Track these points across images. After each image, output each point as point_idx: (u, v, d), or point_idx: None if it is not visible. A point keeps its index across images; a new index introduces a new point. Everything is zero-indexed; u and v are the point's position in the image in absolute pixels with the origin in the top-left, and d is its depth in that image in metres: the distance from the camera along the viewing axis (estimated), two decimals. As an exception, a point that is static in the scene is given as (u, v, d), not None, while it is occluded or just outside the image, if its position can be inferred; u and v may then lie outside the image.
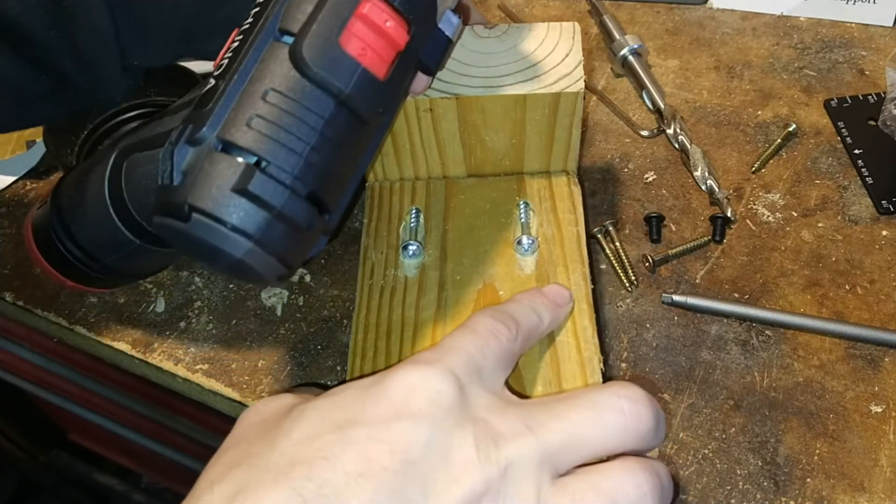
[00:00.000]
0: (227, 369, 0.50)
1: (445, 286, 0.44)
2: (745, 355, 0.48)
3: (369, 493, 0.27)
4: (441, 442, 0.29)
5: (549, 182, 0.48)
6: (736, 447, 0.44)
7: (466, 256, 0.45)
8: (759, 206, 0.55)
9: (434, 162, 0.49)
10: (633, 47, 0.63)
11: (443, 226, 0.47)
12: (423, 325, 0.42)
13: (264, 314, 0.52)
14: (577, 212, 0.47)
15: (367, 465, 0.28)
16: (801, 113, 0.61)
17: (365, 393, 0.31)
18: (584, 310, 0.42)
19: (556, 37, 0.46)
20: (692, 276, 0.52)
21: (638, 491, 0.30)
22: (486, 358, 0.33)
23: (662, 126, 0.60)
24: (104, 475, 1.17)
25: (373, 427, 0.29)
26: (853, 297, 0.50)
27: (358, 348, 0.42)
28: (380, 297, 0.44)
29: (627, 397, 0.31)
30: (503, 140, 0.47)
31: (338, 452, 0.28)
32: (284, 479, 0.28)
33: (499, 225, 0.46)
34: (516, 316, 0.37)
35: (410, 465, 0.28)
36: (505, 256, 0.45)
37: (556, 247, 0.45)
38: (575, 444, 0.30)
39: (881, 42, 0.65)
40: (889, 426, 0.45)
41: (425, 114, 0.45)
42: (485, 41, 0.46)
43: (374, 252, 0.46)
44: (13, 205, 0.61)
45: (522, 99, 0.44)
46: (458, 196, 0.48)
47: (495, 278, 0.44)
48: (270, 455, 0.29)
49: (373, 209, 0.48)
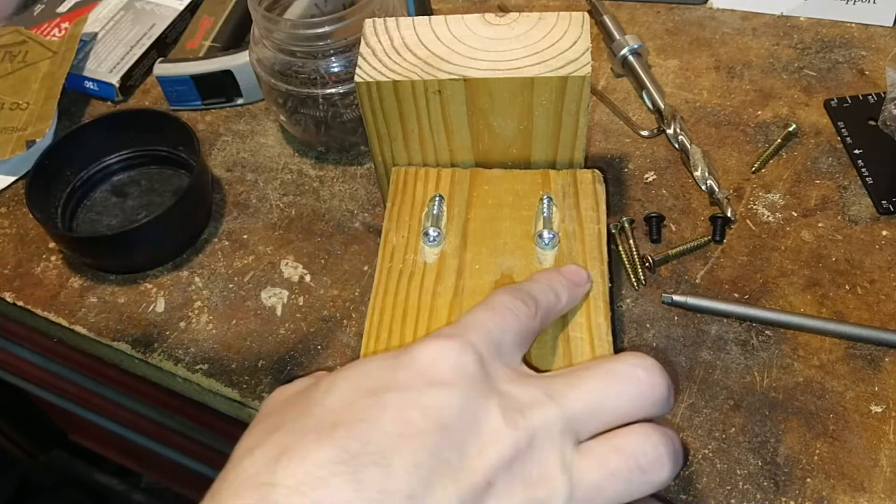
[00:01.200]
0: (227, 369, 0.50)
1: (463, 274, 0.44)
2: (745, 355, 0.48)
3: (410, 451, 0.28)
4: (471, 409, 0.30)
5: (573, 178, 0.48)
6: (736, 447, 0.44)
7: (486, 246, 0.45)
8: (759, 206, 0.55)
9: (442, 148, 0.49)
10: (633, 47, 0.63)
11: (465, 214, 0.47)
12: (439, 310, 0.43)
13: (264, 314, 0.52)
14: (599, 209, 0.47)
15: (406, 427, 0.29)
16: (801, 113, 0.61)
17: (392, 362, 0.32)
18: (601, 307, 0.42)
19: (566, 25, 0.47)
20: (692, 276, 0.52)
21: (655, 451, 0.31)
22: (505, 334, 0.34)
23: (662, 126, 0.60)
24: (104, 475, 1.17)
25: (406, 392, 0.30)
26: (853, 297, 0.50)
27: (373, 330, 0.42)
28: (398, 280, 0.44)
29: (642, 366, 0.33)
30: (511, 126, 0.48)
31: (376, 415, 0.29)
32: (328, 438, 0.28)
33: (521, 217, 0.47)
34: (535, 294, 0.37)
35: (445, 428, 0.29)
36: (525, 249, 0.45)
37: (577, 243, 0.45)
38: (594, 412, 0.32)
39: (881, 42, 0.65)
40: (889, 426, 0.45)
41: (434, 96, 0.46)
42: (495, 28, 0.47)
43: (396, 236, 0.46)
44: (13, 205, 0.61)
45: (530, 82, 0.45)
46: (483, 186, 0.48)
47: (513, 270, 0.44)
48: (307, 420, 0.30)
49: (396, 193, 0.48)
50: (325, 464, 0.27)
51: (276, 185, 0.60)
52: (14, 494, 1.20)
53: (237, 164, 0.62)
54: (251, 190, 0.60)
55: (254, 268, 0.55)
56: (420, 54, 0.46)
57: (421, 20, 0.48)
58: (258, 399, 0.48)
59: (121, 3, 0.73)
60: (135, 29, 0.71)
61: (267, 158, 0.62)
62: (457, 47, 0.46)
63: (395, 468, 0.28)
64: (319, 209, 0.58)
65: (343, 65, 0.56)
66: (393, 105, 0.47)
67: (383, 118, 0.47)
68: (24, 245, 0.58)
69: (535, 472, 0.30)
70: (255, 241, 0.56)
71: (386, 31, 0.47)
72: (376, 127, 0.48)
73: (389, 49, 0.47)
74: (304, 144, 0.62)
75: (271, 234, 0.57)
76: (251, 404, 0.49)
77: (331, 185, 0.60)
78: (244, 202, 0.59)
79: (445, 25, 0.47)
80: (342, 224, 0.57)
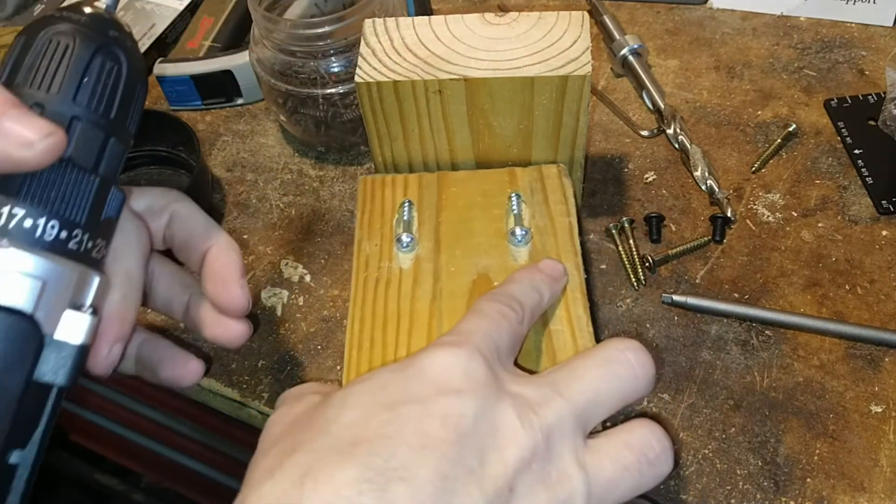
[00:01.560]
0: (227, 369, 0.50)
1: (440, 277, 0.44)
2: (745, 355, 0.48)
3: (434, 462, 0.28)
4: (486, 414, 0.30)
5: (539, 174, 0.48)
6: (736, 447, 0.44)
7: (460, 248, 0.45)
8: (759, 206, 0.55)
9: (442, 148, 0.49)
10: (633, 47, 0.63)
11: (436, 218, 0.47)
12: (419, 315, 0.43)
13: (264, 314, 0.52)
14: (568, 203, 0.47)
15: (427, 439, 0.29)
16: (801, 113, 0.61)
17: (402, 374, 0.32)
18: (578, 299, 0.42)
19: (566, 25, 0.47)
20: (692, 276, 0.52)
21: (661, 444, 0.33)
22: (502, 338, 0.35)
23: (662, 126, 0.60)
24: (104, 475, 1.17)
25: (422, 404, 0.30)
26: (853, 297, 0.50)
27: (354, 340, 0.42)
28: (375, 288, 0.44)
29: (630, 349, 0.34)
30: (511, 125, 0.48)
31: (396, 429, 0.29)
32: (350, 456, 0.28)
33: (492, 216, 0.47)
34: (520, 298, 0.38)
35: (464, 436, 0.29)
36: (499, 248, 0.45)
37: (549, 237, 0.45)
38: (599, 401, 0.33)
39: (881, 42, 0.65)
40: (889, 426, 0.45)
41: (434, 96, 0.46)
42: (495, 27, 0.47)
43: (369, 244, 0.46)
44: (13, 205, 0.61)
45: (530, 81, 0.45)
46: (450, 188, 0.48)
47: (489, 269, 0.44)
48: (326, 439, 0.29)
49: (365, 202, 0.48)
50: (351, 483, 0.27)
51: (276, 185, 0.60)
52: (14, 494, 1.19)
53: (237, 164, 0.62)
54: (251, 190, 0.60)
55: (254, 268, 0.55)
56: (420, 54, 0.46)
57: (421, 20, 0.48)
58: (258, 399, 0.48)
59: (121, 3, 0.74)
60: (135, 29, 0.71)
61: (267, 158, 0.62)
62: (457, 47, 0.46)
63: (421, 481, 0.27)
64: (319, 209, 0.58)
65: (343, 65, 0.56)
66: (393, 105, 0.47)
67: (383, 118, 0.47)
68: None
69: (553, 472, 0.30)
70: (255, 241, 0.56)
71: (386, 31, 0.47)
72: (376, 127, 0.48)
73: (389, 49, 0.47)
74: (304, 144, 0.62)
75: (271, 234, 0.57)
76: (251, 404, 0.49)
77: (331, 185, 0.60)
78: (244, 202, 0.59)
79: (445, 25, 0.47)
80: (342, 224, 0.57)
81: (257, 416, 0.49)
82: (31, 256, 0.29)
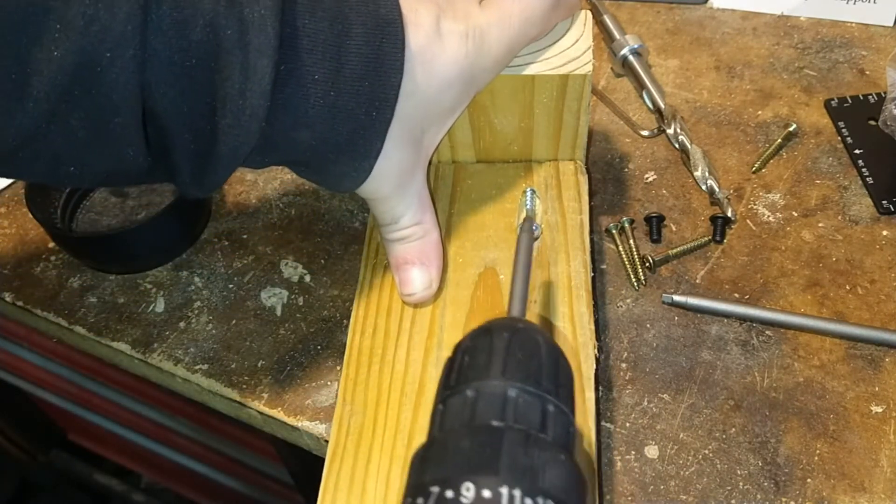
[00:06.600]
0: (226, 369, 0.50)
1: (447, 267, 0.44)
2: (746, 355, 0.48)
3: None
4: None
5: (556, 170, 0.48)
6: (736, 447, 0.44)
7: (469, 240, 0.45)
8: (760, 206, 0.55)
9: (443, 145, 0.49)
10: (634, 47, 0.63)
11: (448, 209, 0.47)
12: (423, 304, 0.43)
13: (264, 314, 0.52)
14: (581, 200, 0.47)
15: None
16: (802, 113, 0.61)
17: None
18: (583, 296, 0.42)
19: (567, 23, 0.47)
20: (692, 276, 0.52)
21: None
22: None
23: (662, 126, 0.60)
24: (104, 475, 1.17)
25: None
26: (853, 297, 0.50)
27: (358, 324, 0.42)
28: (383, 275, 0.44)
29: None
30: (512, 124, 0.48)
31: None
32: None
33: (504, 210, 0.47)
34: None
35: None
36: (508, 241, 0.45)
37: (559, 234, 0.45)
38: None
39: (881, 42, 0.65)
40: (889, 426, 0.45)
41: None
42: None
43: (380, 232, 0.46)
44: (13, 205, 0.61)
45: (531, 80, 0.45)
46: (466, 181, 0.49)
47: (497, 262, 0.44)
48: None
49: None
50: None
51: (276, 184, 0.60)
52: (14, 494, 1.19)
53: (237, 164, 0.62)
54: (251, 190, 0.60)
55: (253, 268, 0.55)
56: None
57: None
58: (258, 399, 0.48)
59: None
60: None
61: (267, 158, 0.62)
62: None
63: None
64: (319, 209, 0.58)
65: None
66: None
67: None
68: (23, 245, 0.58)
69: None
70: (255, 241, 0.56)
71: None
72: None
73: None
74: (303, 144, 0.62)
75: (271, 234, 0.57)
76: (251, 404, 0.49)
77: (331, 184, 0.60)
78: (244, 202, 0.59)
79: None
80: (342, 224, 0.57)
81: (257, 416, 0.49)
82: None
